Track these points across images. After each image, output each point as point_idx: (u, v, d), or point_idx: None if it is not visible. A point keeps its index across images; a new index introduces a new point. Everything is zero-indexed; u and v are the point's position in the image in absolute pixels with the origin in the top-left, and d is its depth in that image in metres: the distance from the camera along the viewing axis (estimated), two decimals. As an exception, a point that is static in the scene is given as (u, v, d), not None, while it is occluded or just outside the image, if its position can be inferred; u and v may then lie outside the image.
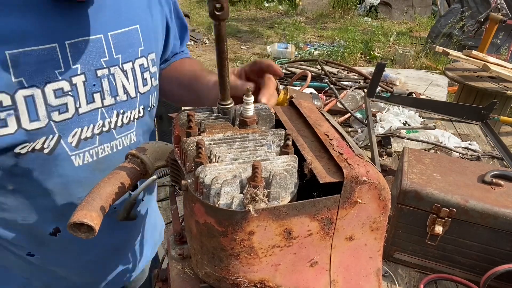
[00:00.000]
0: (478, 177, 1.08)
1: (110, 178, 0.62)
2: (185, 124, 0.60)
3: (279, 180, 0.47)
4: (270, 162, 0.50)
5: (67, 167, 0.75)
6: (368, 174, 0.50)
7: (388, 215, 0.55)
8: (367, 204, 0.52)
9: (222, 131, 0.59)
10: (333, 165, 0.52)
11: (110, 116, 0.79)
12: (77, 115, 0.73)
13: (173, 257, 0.64)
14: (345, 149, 0.54)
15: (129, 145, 0.86)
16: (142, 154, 0.67)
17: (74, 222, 0.53)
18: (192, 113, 0.58)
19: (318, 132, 0.59)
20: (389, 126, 1.74)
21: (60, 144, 0.72)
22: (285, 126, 0.63)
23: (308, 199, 0.49)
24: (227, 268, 0.50)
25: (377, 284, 0.59)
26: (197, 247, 0.52)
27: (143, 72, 0.85)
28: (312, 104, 0.71)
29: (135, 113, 0.85)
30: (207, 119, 0.63)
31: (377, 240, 0.56)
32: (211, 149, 0.53)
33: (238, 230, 0.46)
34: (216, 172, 0.48)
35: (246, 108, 0.61)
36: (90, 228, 0.54)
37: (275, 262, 0.51)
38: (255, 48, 7.56)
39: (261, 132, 0.59)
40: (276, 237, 0.49)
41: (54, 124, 0.70)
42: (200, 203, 0.48)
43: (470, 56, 3.27)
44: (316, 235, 0.51)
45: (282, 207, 0.47)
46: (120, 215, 0.72)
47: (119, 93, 0.80)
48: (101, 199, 0.58)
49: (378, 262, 0.58)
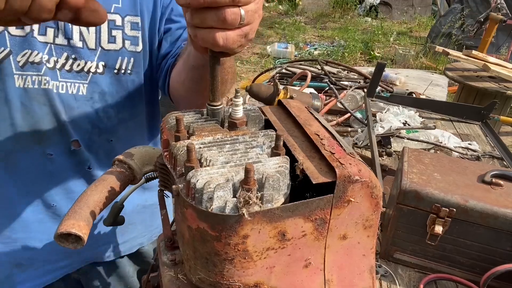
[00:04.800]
0: (478, 177, 1.08)
1: (97, 185, 0.60)
2: (173, 127, 0.59)
3: (272, 182, 0.47)
4: (262, 164, 0.50)
5: (8, 84, 0.76)
6: (360, 173, 0.50)
7: (389, 215, 0.55)
8: (360, 203, 0.52)
9: (211, 133, 0.58)
10: (325, 165, 0.52)
11: (58, 56, 0.79)
12: (30, 37, 0.75)
13: (164, 263, 0.63)
14: (336, 148, 0.54)
15: (74, 94, 0.83)
16: (129, 160, 0.65)
17: (61, 232, 0.52)
18: (180, 116, 0.57)
19: (309, 131, 0.59)
20: (389, 126, 1.74)
21: (8, 59, 0.75)
22: (275, 127, 0.63)
23: (299, 199, 0.49)
24: (221, 273, 0.50)
25: (371, 282, 0.59)
26: (190, 252, 0.52)
27: (112, 29, 0.82)
28: (301, 104, 0.70)
29: (91, 67, 0.83)
30: (196, 122, 0.61)
31: (370, 238, 0.56)
32: (201, 152, 0.52)
33: (232, 234, 0.46)
34: (208, 176, 0.47)
35: (235, 110, 0.60)
36: (78, 238, 0.53)
37: (270, 265, 0.51)
38: (255, 48, 7.55)
39: (251, 133, 0.58)
40: (270, 240, 0.48)
41: (8, 37, 0.72)
42: (192, 209, 0.47)
43: (470, 56, 3.27)
44: (310, 236, 0.51)
45: (276, 209, 0.47)
46: (107, 220, 0.70)
47: (73, 38, 0.79)
48: (88, 207, 0.56)
49: (371, 259, 0.58)
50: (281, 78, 2.56)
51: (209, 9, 0.50)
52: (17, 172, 0.84)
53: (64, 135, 0.85)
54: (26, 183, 0.86)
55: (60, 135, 0.85)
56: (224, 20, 0.50)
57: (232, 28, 0.52)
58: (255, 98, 1.90)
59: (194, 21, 0.52)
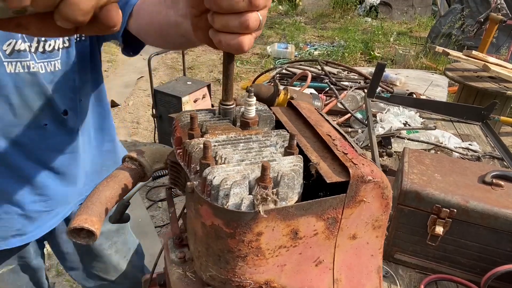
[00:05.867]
0: (479, 177, 1.08)
1: (109, 181, 0.61)
2: (187, 125, 0.60)
3: (287, 181, 0.47)
4: (277, 163, 0.51)
5: (0, 71, 0.83)
6: (373, 173, 0.51)
7: (389, 216, 0.56)
8: (371, 203, 0.53)
9: (225, 132, 0.58)
10: (338, 164, 0.53)
11: (30, 41, 0.86)
12: None
13: (173, 261, 0.63)
14: (349, 148, 0.55)
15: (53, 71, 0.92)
16: (140, 157, 0.66)
17: (74, 227, 0.52)
18: (194, 114, 0.58)
19: (320, 132, 0.60)
20: (389, 126, 1.74)
21: None
22: (286, 127, 0.63)
23: (311, 198, 0.49)
24: (233, 270, 0.50)
25: (378, 282, 0.60)
26: (202, 249, 0.52)
27: None
28: (310, 105, 0.71)
29: (60, 43, 0.91)
30: (209, 120, 0.62)
31: (379, 238, 0.57)
32: (216, 150, 0.53)
33: (246, 231, 0.46)
34: (225, 173, 0.48)
35: (248, 109, 0.61)
36: (90, 233, 0.53)
37: (281, 263, 0.51)
38: (255, 48, 7.55)
39: (264, 133, 0.59)
40: (283, 238, 0.49)
41: None
42: (208, 205, 0.47)
43: (470, 56, 3.27)
44: (321, 235, 0.52)
45: (290, 207, 0.47)
46: (113, 217, 0.71)
47: None
48: (101, 203, 0.57)
49: (379, 260, 0.59)
50: (281, 79, 2.56)
51: (232, 14, 0.51)
52: (20, 143, 0.95)
53: (54, 107, 0.96)
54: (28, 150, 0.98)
55: (51, 107, 0.96)
56: (248, 26, 0.52)
57: (251, 32, 0.54)
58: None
59: (216, 25, 0.53)
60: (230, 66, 0.59)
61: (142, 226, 2.80)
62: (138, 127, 4.57)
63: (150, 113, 3.99)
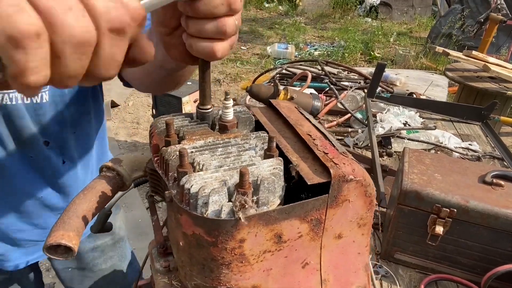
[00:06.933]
0: (479, 177, 1.08)
1: (85, 193, 0.58)
2: (163, 132, 0.58)
3: (267, 185, 0.46)
4: (256, 167, 0.49)
5: None
6: (354, 172, 0.51)
7: (389, 216, 0.56)
8: (354, 202, 0.52)
9: (202, 137, 0.56)
10: (319, 165, 0.52)
11: None
12: None
13: (158, 270, 0.62)
14: (329, 148, 0.54)
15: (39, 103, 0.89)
16: (118, 166, 0.63)
17: (51, 244, 0.50)
18: (170, 120, 0.56)
19: (300, 132, 0.59)
20: (389, 126, 1.74)
21: None
22: (266, 128, 0.62)
23: (292, 201, 0.48)
24: (218, 278, 0.49)
25: (366, 279, 0.59)
26: (186, 259, 0.51)
27: None
28: (291, 104, 0.69)
29: None
30: (186, 125, 0.60)
31: (365, 236, 0.56)
32: (193, 157, 0.51)
33: (228, 239, 0.45)
34: (202, 181, 0.46)
35: (226, 112, 0.59)
36: (68, 249, 0.51)
37: (267, 267, 0.50)
38: (255, 49, 7.55)
39: (243, 136, 0.57)
40: (267, 242, 0.48)
41: None
42: (187, 214, 0.46)
43: (470, 56, 3.27)
44: (306, 237, 0.51)
45: (272, 211, 0.46)
46: (94, 227, 0.68)
47: None
48: (78, 217, 0.54)
49: (366, 257, 0.59)
50: (282, 79, 2.56)
51: (208, 19, 0.48)
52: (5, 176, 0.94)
53: (39, 138, 0.94)
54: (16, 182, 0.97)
55: (36, 139, 0.94)
56: (225, 32, 0.49)
57: (227, 38, 0.51)
58: (255, 99, 1.90)
59: (191, 30, 0.49)
60: (206, 72, 0.56)
61: (142, 227, 2.80)
62: (138, 127, 4.57)
63: (150, 113, 3.98)
